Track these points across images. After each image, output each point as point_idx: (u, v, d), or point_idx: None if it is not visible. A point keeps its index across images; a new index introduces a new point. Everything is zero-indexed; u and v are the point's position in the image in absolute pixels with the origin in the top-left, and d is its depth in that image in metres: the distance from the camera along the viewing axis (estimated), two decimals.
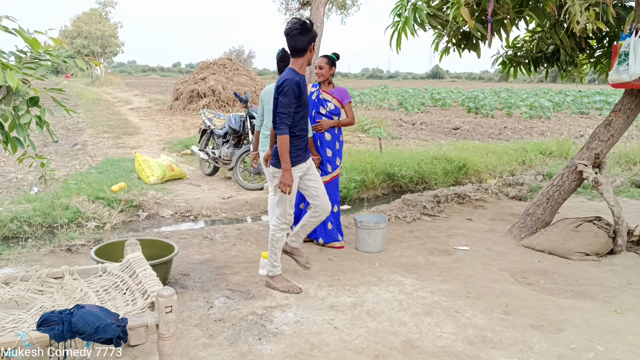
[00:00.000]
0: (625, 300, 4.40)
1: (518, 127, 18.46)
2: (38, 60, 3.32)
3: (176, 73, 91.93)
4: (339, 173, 5.63)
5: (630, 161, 10.37)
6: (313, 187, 4.44)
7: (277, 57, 5.01)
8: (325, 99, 5.46)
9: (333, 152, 5.49)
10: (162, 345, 2.73)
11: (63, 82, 43.45)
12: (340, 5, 19.70)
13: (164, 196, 7.34)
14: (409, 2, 5.51)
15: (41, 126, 3.43)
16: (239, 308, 4.06)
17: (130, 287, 3.08)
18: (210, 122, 9.19)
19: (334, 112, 5.48)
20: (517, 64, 6.75)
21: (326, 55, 5.40)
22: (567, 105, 27.84)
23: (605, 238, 5.44)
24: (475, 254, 5.54)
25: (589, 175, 5.62)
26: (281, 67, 4.94)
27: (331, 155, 5.48)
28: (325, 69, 5.36)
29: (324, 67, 5.36)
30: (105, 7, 59.42)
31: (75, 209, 6.30)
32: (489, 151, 10.64)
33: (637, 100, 5.54)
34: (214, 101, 19.52)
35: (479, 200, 7.79)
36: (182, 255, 5.18)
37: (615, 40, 5.70)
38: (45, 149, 11.50)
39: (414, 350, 3.49)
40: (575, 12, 4.50)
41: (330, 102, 5.45)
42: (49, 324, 2.48)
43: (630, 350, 3.51)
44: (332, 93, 5.49)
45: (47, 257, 5.13)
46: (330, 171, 5.51)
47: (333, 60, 5.41)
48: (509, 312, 4.09)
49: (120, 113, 20.62)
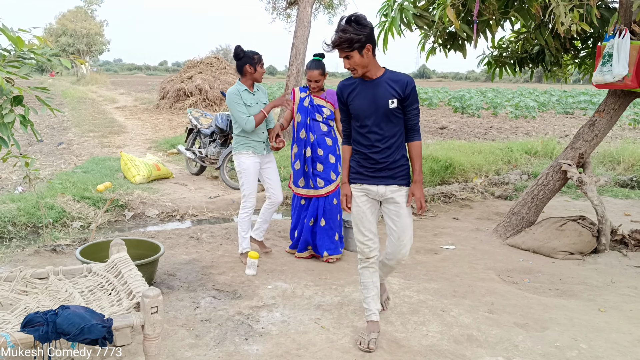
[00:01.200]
0: (608, 298, 4.45)
1: (504, 126, 18.59)
2: (22, 58, 3.29)
3: (162, 72, 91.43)
4: None
5: (614, 161, 10.49)
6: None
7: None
8: (320, 105, 5.10)
9: (336, 157, 5.15)
10: (147, 345, 2.72)
11: (48, 81, 43.01)
12: (327, 4, 19.71)
13: (150, 196, 7.30)
14: (395, 3, 5.53)
15: (25, 125, 3.40)
16: (225, 308, 4.05)
17: (115, 288, 3.06)
18: (196, 121, 9.15)
19: (330, 118, 5.13)
20: (503, 64, 6.80)
21: (317, 64, 4.98)
22: (552, 105, 28.09)
23: (589, 237, 5.50)
24: (461, 253, 5.57)
25: (573, 174, 5.68)
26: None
27: (334, 162, 5.14)
28: (321, 80, 5.03)
29: (320, 79, 5.01)
30: (91, 5, 58.89)
31: (60, 209, 6.25)
32: (475, 151, 10.71)
33: (620, 101, 5.60)
34: (201, 100, 19.43)
35: (465, 200, 7.84)
36: (168, 255, 5.16)
37: (599, 41, 5.76)
38: (30, 148, 11.38)
39: (400, 349, 3.50)
40: (560, 13, 4.55)
41: (325, 107, 5.10)
42: (34, 325, 2.46)
43: (613, 348, 3.56)
44: (325, 97, 5.14)
45: (32, 257, 5.08)
46: (335, 179, 5.16)
47: (324, 66, 5.03)
48: (494, 310, 4.12)
49: (106, 112, 20.46)
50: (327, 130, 5.12)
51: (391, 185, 3.44)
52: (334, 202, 5.16)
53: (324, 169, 5.10)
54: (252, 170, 4.94)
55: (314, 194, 5.14)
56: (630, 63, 4.93)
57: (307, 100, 5.13)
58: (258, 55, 4.89)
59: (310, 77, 5.01)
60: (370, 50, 3.25)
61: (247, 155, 4.93)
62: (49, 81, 43.03)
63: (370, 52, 3.27)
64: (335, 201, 5.16)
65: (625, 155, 10.42)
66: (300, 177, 5.17)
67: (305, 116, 5.11)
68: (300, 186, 5.20)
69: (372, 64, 3.33)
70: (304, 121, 5.11)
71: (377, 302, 3.65)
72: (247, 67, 4.83)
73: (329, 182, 5.13)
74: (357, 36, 3.18)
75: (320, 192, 5.12)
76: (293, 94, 5.24)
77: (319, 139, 5.08)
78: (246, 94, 4.87)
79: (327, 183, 5.12)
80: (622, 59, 4.91)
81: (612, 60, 4.95)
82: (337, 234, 5.21)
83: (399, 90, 3.31)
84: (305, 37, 11.66)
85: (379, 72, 3.37)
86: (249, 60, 4.83)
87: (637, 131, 17.43)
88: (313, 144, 5.09)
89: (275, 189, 5.16)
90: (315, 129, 5.09)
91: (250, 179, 4.94)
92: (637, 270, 5.09)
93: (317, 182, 5.10)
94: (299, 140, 5.16)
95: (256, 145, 4.96)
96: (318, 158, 5.09)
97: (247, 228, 5.04)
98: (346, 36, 3.19)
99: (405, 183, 3.47)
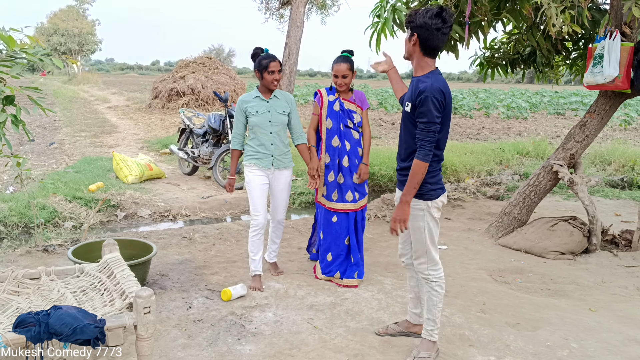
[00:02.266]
0: (599, 298, 4.49)
1: (496, 127, 18.66)
2: (14, 58, 3.28)
3: (155, 71, 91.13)
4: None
5: (604, 161, 10.55)
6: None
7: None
8: (351, 110, 4.55)
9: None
10: (140, 346, 2.72)
11: (39, 80, 42.74)
12: (320, 5, 19.74)
13: (142, 196, 7.28)
14: (388, 4, 5.56)
15: (17, 125, 3.38)
16: (218, 308, 4.05)
17: (108, 288, 3.05)
18: (189, 121, 9.13)
19: (360, 124, 4.59)
20: (495, 65, 6.83)
21: (344, 58, 4.47)
22: (543, 105, 28.22)
23: (580, 237, 5.53)
24: (453, 252, 5.59)
25: (564, 175, 5.72)
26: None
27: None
28: (349, 77, 4.46)
29: (348, 75, 4.45)
30: (83, 4, 58.63)
31: (52, 209, 6.22)
32: (467, 151, 10.75)
33: (611, 102, 5.64)
34: (193, 100, 19.38)
35: (457, 200, 7.87)
36: (160, 256, 5.15)
37: (591, 42, 5.80)
38: (21, 148, 11.32)
39: (393, 349, 3.52)
40: (551, 14, 4.57)
41: (355, 112, 4.55)
42: (26, 325, 2.45)
43: (603, 347, 3.58)
44: (355, 101, 4.58)
45: (23, 257, 5.06)
46: (366, 191, 4.72)
47: (353, 62, 4.50)
48: (486, 310, 4.14)
49: (98, 111, 20.38)
50: (359, 139, 4.61)
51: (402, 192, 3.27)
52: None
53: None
54: (255, 185, 4.39)
55: (349, 207, 4.61)
56: (620, 64, 4.97)
57: (337, 104, 4.55)
58: (266, 61, 4.27)
59: (336, 72, 4.45)
60: (415, 42, 3.11)
61: (251, 168, 4.42)
62: (40, 80, 42.77)
63: (416, 45, 3.12)
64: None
65: (615, 155, 10.49)
66: (334, 189, 4.61)
67: (337, 122, 4.54)
68: (334, 200, 4.63)
69: (415, 57, 3.17)
70: (337, 127, 4.55)
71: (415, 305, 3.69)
72: (256, 73, 4.37)
73: (363, 195, 4.66)
74: (410, 19, 3.13)
75: (356, 206, 4.62)
76: (320, 97, 4.65)
77: (353, 147, 4.58)
78: (256, 102, 4.36)
79: (361, 196, 4.64)
80: (613, 61, 4.94)
81: (603, 62, 4.99)
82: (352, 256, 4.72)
83: (413, 95, 3.12)
84: (298, 38, 11.67)
85: (420, 71, 3.19)
86: (256, 65, 4.34)
87: (627, 132, 17.55)
88: (350, 153, 4.56)
89: (276, 208, 4.62)
90: (349, 136, 4.56)
91: (254, 194, 4.39)
92: (628, 270, 5.13)
93: (355, 196, 4.60)
94: (331, 148, 4.57)
95: (262, 158, 4.39)
96: (355, 168, 4.58)
97: (255, 249, 4.44)
98: (410, 14, 3.18)
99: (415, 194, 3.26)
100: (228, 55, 78.44)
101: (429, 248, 3.30)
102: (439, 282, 3.35)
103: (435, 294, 3.34)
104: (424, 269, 3.34)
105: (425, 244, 3.29)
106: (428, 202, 3.24)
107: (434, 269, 3.34)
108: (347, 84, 4.48)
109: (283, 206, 4.62)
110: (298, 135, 4.54)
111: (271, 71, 4.25)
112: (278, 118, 4.37)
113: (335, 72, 4.44)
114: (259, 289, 4.39)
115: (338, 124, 4.54)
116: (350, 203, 4.59)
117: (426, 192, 3.22)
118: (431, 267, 3.33)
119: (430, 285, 3.35)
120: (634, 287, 4.75)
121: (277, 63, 4.32)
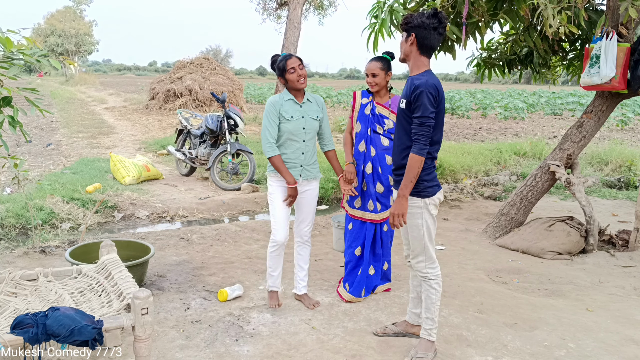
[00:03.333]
0: (596, 298, 4.50)
1: (493, 127, 18.69)
2: (11, 59, 3.28)
3: (152, 72, 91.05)
4: None
5: (601, 162, 10.58)
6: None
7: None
8: (382, 115, 4.22)
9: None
10: (138, 347, 2.72)
11: (36, 81, 42.71)
12: (317, 6, 19.75)
13: (139, 197, 7.28)
14: (385, 4, 5.57)
15: (14, 126, 3.38)
16: (215, 309, 4.05)
17: (105, 289, 3.05)
18: (187, 122, 9.13)
19: (392, 131, 4.18)
20: (492, 65, 6.85)
21: (379, 57, 4.18)
22: (540, 106, 28.26)
23: (578, 237, 5.54)
24: (450, 253, 5.60)
25: (561, 175, 5.73)
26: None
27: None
28: (380, 76, 4.11)
29: (379, 75, 4.11)
30: (80, 5, 58.59)
31: (49, 210, 6.22)
32: (465, 151, 10.76)
33: (608, 102, 5.66)
34: (191, 101, 19.38)
35: (454, 200, 7.88)
36: (158, 257, 5.15)
37: (587, 43, 5.82)
38: (18, 149, 11.30)
39: (390, 349, 3.52)
40: (548, 15, 4.59)
41: (388, 118, 4.20)
42: (23, 327, 2.45)
43: (601, 347, 3.59)
44: (389, 106, 4.22)
45: (21, 258, 5.05)
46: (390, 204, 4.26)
47: (389, 63, 4.17)
48: (484, 310, 4.15)
49: (95, 112, 20.35)
50: (389, 146, 4.24)
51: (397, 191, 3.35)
52: (385, 229, 4.37)
53: (384, 190, 4.27)
54: (278, 197, 3.97)
55: (370, 217, 4.30)
56: (617, 65, 4.98)
57: (368, 107, 4.27)
58: (282, 62, 3.89)
59: (367, 70, 4.16)
60: (413, 42, 3.19)
61: (276, 180, 3.96)
62: (37, 82, 42.74)
63: (414, 45, 3.20)
64: (385, 227, 4.36)
65: (612, 156, 10.52)
66: (357, 196, 4.34)
67: (366, 126, 4.26)
68: (356, 207, 4.36)
69: (412, 57, 3.24)
70: (364, 132, 4.27)
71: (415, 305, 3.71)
72: (280, 80, 4.00)
73: (386, 208, 4.29)
74: (408, 20, 3.19)
75: (377, 218, 4.30)
76: (354, 98, 4.41)
77: (380, 154, 4.24)
78: (290, 105, 3.92)
79: (383, 208, 4.29)
80: (610, 61, 4.96)
81: (600, 62, 5.00)
82: (386, 263, 4.49)
83: (408, 92, 3.18)
84: (295, 38, 11.69)
85: (416, 70, 3.24)
86: (278, 72, 3.96)
87: (624, 132, 17.59)
88: (374, 159, 4.24)
89: (302, 223, 4.15)
90: (376, 142, 4.25)
91: (277, 206, 3.95)
92: (625, 270, 5.14)
93: (376, 206, 4.28)
94: (358, 153, 4.31)
95: (290, 168, 3.94)
96: (379, 177, 4.25)
97: (274, 264, 4.05)
98: (406, 15, 3.23)
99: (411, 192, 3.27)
100: (225, 56, 78.62)
101: (427, 245, 3.34)
102: (436, 279, 3.39)
103: (433, 292, 3.37)
104: (422, 267, 3.37)
105: (423, 241, 3.32)
106: (425, 200, 3.27)
107: (432, 267, 3.38)
108: (378, 84, 4.13)
109: (309, 221, 4.15)
110: (328, 141, 4.20)
111: (291, 69, 3.85)
112: (312, 124, 3.98)
113: (366, 71, 4.16)
114: (277, 305, 4.06)
115: (366, 128, 4.25)
116: (371, 213, 4.30)
117: (423, 189, 3.26)
118: (429, 265, 3.37)
119: (428, 283, 3.38)
120: (631, 287, 4.76)
121: (295, 59, 3.94)
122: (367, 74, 4.16)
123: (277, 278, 4.08)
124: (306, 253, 4.20)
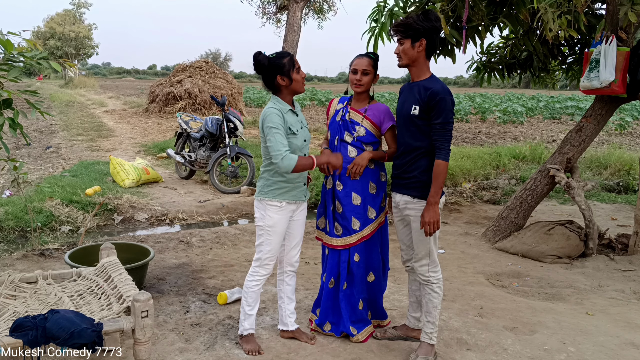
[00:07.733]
0: (596, 302, 4.50)
1: (492, 131, 18.70)
2: (11, 61, 3.28)
3: (152, 75, 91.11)
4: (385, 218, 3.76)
5: (601, 166, 10.58)
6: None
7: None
8: (354, 121, 3.56)
9: (363, 198, 3.58)
10: (138, 350, 2.71)
11: (36, 84, 42.67)
12: (317, 9, 19.78)
13: (139, 200, 7.27)
14: (385, 8, 5.57)
15: (14, 129, 3.38)
16: (215, 312, 4.04)
17: (105, 292, 3.05)
18: (186, 125, 9.14)
19: (365, 140, 3.53)
20: (491, 69, 6.85)
21: (368, 54, 3.59)
22: (539, 110, 28.27)
23: (577, 241, 5.54)
24: (450, 256, 5.60)
25: (561, 179, 5.73)
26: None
27: (360, 204, 3.58)
28: (370, 75, 3.51)
29: (370, 73, 3.51)
30: (80, 9, 58.58)
31: (49, 213, 6.21)
32: (464, 155, 10.76)
33: (607, 106, 5.67)
34: (190, 104, 19.37)
35: (454, 204, 7.88)
36: (157, 260, 5.14)
37: (587, 47, 5.83)
38: (18, 152, 11.30)
39: (391, 353, 3.52)
40: (548, 19, 4.59)
41: (360, 124, 3.53)
42: (23, 329, 2.44)
43: (601, 351, 3.59)
44: (365, 112, 3.56)
45: (20, 261, 5.04)
46: (357, 229, 3.60)
47: (377, 62, 3.60)
48: (484, 314, 4.15)
49: (95, 115, 20.34)
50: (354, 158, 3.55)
51: (405, 195, 3.38)
52: (356, 259, 3.63)
53: (342, 211, 3.58)
54: (280, 229, 3.41)
55: (328, 242, 3.69)
56: (617, 69, 4.99)
57: (340, 113, 3.65)
58: (288, 57, 3.31)
59: (356, 66, 3.51)
60: (422, 47, 3.18)
61: (279, 208, 3.37)
62: (37, 84, 42.71)
63: (423, 50, 3.19)
64: (357, 257, 3.63)
65: (611, 160, 10.52)
66: (321, 216, 3.76)
67: (334, 134, 3.65)
68: (320, 228, 3.78)
69: (419, 62, 3.24)
70: (332, 141, 3.66)
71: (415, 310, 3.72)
72: (279, 79, 3.29)
73: (348, 233, 3.59)
74: (415, 25, 3.16)
75: (334, 243, 3.64)
76: (329, 106, 3.81)
77: (345, 168, 3.54)
78: (290, 116, 3.32)
79: (345, 233, 3.60)
80: (609, 65, 4.97)
81: (599, 66, 5.01)
82: (360, 301, 3.69)
83: (424, 98, 3.16)
84: (295, 42, 11.70)
85: (422, 75, 3.26)
86: (277, 69, 3.28)
87: (623, 136, 17.61)
88: (334, 174, 3.61)
89: (292, 249, 3.61)
90: (343, 152, 3.57)
91: (274, 240, 3.41)
92: (624, 274, 5.14)
93: (333, 228, 3.64)
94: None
95: (294, 188, 3.42)
96: (337, 195, 3.60)
97: (254, 302, 3.52)
98: (407, 21, 3.20)
99: (419, 195, 3.30)
100: (225, 60, 78.65)
101: (432, 249, 3.36)
102: (438, 283, 3.40)
103: (435, 296, 3.38)
104: (425, 270, 3.38)
105: (429, 244, 3.34)
106: None
107: (434, 271, 3.39)
108: (364, 85, 3.50)
109: (299, 246, 3.65)
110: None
111: (299, 68, 3.34)
112: (308, 135, 3.51)
113: (355, 66, 3.51)
114: (258, 351, 3.45)
115: (334, 137, 3.63)
116: (329, 236, 3.67)
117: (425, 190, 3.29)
118: (432, 268, 3.38)
119: (430, 287, 3.38)
120: (631, 290, 4.76)
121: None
122: (355, 70, 3.51)
123: (254, 317, 3.55)
124: (294, 282, 3.72)
